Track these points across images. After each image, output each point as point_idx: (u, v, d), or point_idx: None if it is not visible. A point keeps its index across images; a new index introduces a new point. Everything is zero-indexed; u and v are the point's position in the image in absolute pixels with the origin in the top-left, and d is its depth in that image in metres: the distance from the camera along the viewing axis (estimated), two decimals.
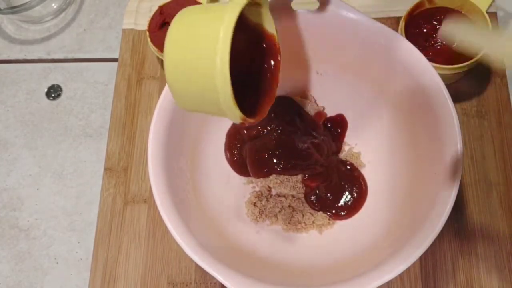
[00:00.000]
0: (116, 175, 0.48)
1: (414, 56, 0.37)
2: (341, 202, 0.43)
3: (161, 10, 0.49)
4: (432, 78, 0.36)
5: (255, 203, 0.43)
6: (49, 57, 0.56)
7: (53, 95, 0.54)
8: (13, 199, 0.50)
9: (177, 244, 0.33)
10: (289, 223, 0.43)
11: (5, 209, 0.50)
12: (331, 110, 0.47)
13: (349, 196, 0.43)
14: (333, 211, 0.43)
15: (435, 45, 0.45)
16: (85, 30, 0.57)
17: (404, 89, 0.39)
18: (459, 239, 0.43)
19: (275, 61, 0.32)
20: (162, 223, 0.42)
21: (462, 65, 0.43)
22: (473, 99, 0.48)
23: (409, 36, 0.45)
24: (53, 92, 0.54)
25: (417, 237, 0.32)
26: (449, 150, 0.34)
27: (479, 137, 0.46)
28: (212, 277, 0.32)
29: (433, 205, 0.34)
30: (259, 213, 0.43)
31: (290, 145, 0.41)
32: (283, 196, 0.44)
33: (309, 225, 0.43)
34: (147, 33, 0.48)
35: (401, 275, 0.36)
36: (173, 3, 0.50)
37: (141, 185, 0.48)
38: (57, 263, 0.47)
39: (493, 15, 0.50)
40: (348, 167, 0.45)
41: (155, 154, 0.36)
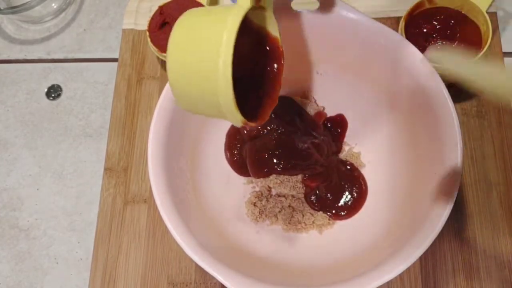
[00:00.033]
0: (116, 175, 0.48)
1: (414, 56, 0.37)
2: (341, 202, 0.43)
3: (161, 10, 0.49)
4: (432, 78, 0.36)
5: (255, 203, 0.43)
6: (49, 57, 0.56)
7: (53, 95, 0.54)
8: (13, 199, 0.50)
9: (177, 244, 0.33)
10: (289, 223, 0.43)
11: (5, 209, 0.50)
12: (331, 110, 0.47)
13: (349, 196, 0.43)
14: (333, 211, 0.43)
15: (435, 45, 0.45)
16: (85, 30, 0.57)
17: (404, 89, 0.39)
18: (459, 239, 0.43)
19: (278, 64, 0.32)
20: (162, 223, 0.42)
21: None
22: (473, 99, 0.48)
23: (409, 36, 0.45)
24: (53, 92, 0.54)
25: (417, 237, 0.32)
26: (449, 150, 0.34)
27: (479, 137, 0.46)
28: (212, 277, 0.32)
29: (433, 205, 0.34)
30: (259, 213, 0.43)
31: (290, 145, 0.41)
32: (283, 196, 0.44)
33: (309, 225, 0.43)
34: (147, 33, 0.49)
35: (401, 275, 0.36)
36: (173, 3, 0.50)
37: (141, 185, 0.48)
38: (57, 263, 0.47)
39: (493, 15, 0.50)
40: (348, 167, 0.45)
41: (155, 154, 0.36)
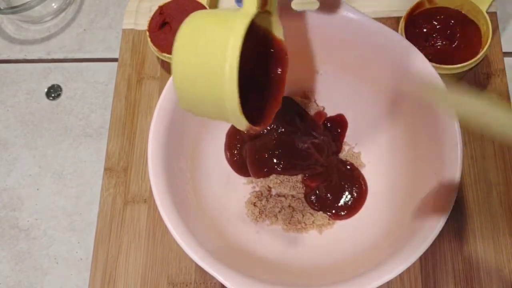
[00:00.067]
0: (116, 175, 0.48)
1: (414, 56, 0.37)
2: (341, 202, 0.43)
3: (161, 10, 0.49)
4: (432, 78, 0.36)
5: (255, 203, 0.43)
6: (49, 57, 0.56)
7: (53, 95, 0.54)
8: (13, 199, 0.50)
9: (177, 244, 0.33)
10: (289, 223, 0.43)
11: (5, 209, 0.50)
12: (331, 110, 0.47)
13: (349, 196, 0.43)
14: (333, 211, 0.43)
15: (435, 45, 0.45)
16: (85, 30, 0.57)
17: (404, 89, 0.39)
18: (459, 239, 0.43)
19: (282, 68, 0.31)
20: (162, 223, 0.42)
21: (462, 65, 0.43)
22: None
23: (409, 36, 0.45)
24: (53, 92, 0.54)
25: (417, 237, 0.32)
26: (449, 150, 0.34)
27: (479, 137, 0.46)
28: (212, 277, 0.32)
29: (433, 205, 0.34)
30: (259, 213, 0.43)
31: (290, 145, 0.41)
32: (283, 196, 0.44)
33: (309, 225, 0.43)
34: (147, 33, 0.49)
35: (401, 275, 0.36)
36: (173, 3, 0.50)
37: (141, 185, 0.48)
38: (57, 263, 0.47)
39: (493, 15, 0.50)
40: (348, 167, 0.45)
41: (155, 154, 0.36)
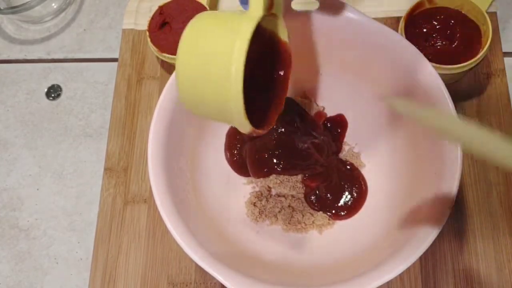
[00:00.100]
0: (116, 175, 0.48)
1: (414, 56, 0.37)
2: (341, 202, 0.43)
3: (161, 10, 0.49)
4: (432, 78, 0.36)
5: (255, 203, 0.43)
6: (49, 57, 0.56)
7: (53, 95, 0.54)
8: (13, 199, 0.50)
9: (177, 244, 0.33)
10: (289, 223, 0.43)
11: (5, 209, 0.50)
12: (331, 110, 0.47)
13: (349, 196, 0.43)
14: (333, 211, 0.43)
15: (435, 45, 0.45)
16: (85, 30, 0.57)
17: (404, 89, 0.39)
18: (459, 239, 0.43)
19: (286, 70, 0.31)
20: (162, 223, 0.42)
21: (462, 65, 0.43)
22: (473, 99, 0.48)
23: (409, 36, 0.45)
24: (53, 92, 0.54)
25: (417, 237, 0.32)
26: (449, 150, 0.34)
27: None
28: (212, 277, 0.32)
29: (433, 205, 0.34)
30: (259, 213, 0.43)
31: (290, 145, 0.41)
32: (283, 196, 0.44)
33: (309, 225, 0.43)
34: (147, 33, 0.49)
35: (401, 275, 0.36)
36: (173, 3, 0.50)
37: (141, 185, 0.48)
38: (57, 263, 0.47)
39: (493, 15, 0.50)
40: (348, 167, 0.45)
41: (155, 154, 0.36)
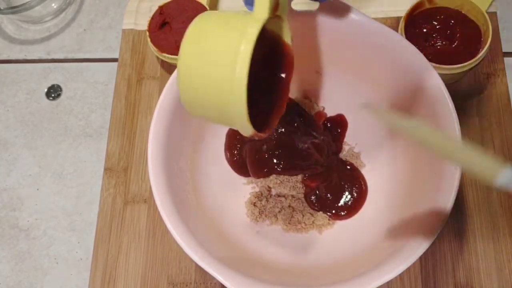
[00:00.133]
0: (116, 175, 0.48)
1: (414, 56, 0.37)
2: (341, 202, 0.43)
3: (161, 10, 0.49)
4: (432, 78, 0.36)
5: (255, 203, 0.43)
6: (49, 57, 0.56)
7: (53, 95, 0.54)
8: (13, 199, 0.50)
9: (177, 244, 0.33)
10: (289, 223, 0.43)
11: (5, 209, 0.50)
12: (331, 110, 0.47)
13: (349, 196, 0.43)
14: (333, 211, 0.43)
15: (435, 45, 0.45)
16: (85, 30, 0.57)
17: (404, 89, 0.39)
18: (459, 239, 0.43)
19: (288, 72, 0.31)
20: (162, 223, 0.42)
21: (462, 65, 0.43)
22: (473, 99, 0.48)
23: (409, 36, 0.45)
24: (53, 92, 0.54)
25: (417, 237, 0.32)
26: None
27: (479, 137, 0.46)
28: (212, 277, 0.32)
29: (433, 205, 0.34)
30: (259, 213, 0.43)
31: (290, 145, 0.41)
32: (283, 196, 0.44)
33: (309, 225, 0.43)
34: (147, 33, 0.49)
35: (401, 275, 0.36)
36: (173, 3, 0.50)
37: (141, 185, 0.48)
38: (57, 263, 0.47)
39: (493, 15, 0.50)
40: (348, 167, 0.45)
41: (155, 154, 0.36)
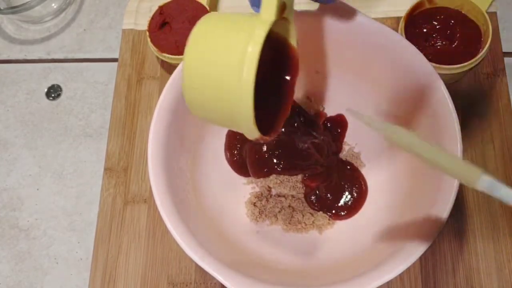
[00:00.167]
0: (116, 175, 0.48)
1: (414, 56, 0.37)
2: (341, 202, 0.43)
3: (161, 10, 0.49)
4: (432, 78, 0.36)
5: (255, 203, 0.43)
6: (49, 57, 0.56)
7: (53, 95, 0.54)
8: (13, 199, 0.50)
9: (177, 244, 0.33)
10: (289, 223, 0.43)
11: (5, 209, 0.50)
12: (331, 110, 0.47)
13: (349, 196, 0.43)
14: (333, 211, 0.43)
15: (435, 45, 0.45)
16: (85, 30, 0.57)
17: (404, 89, 0.39)
18: (459, 239, 0.43)
19: (292, 75, 0.31)
20: (162, 223, 0.42)
21: (462, 65, 0.43)
22: (473, 99, 0.48)
23: (409, 36, 0.45)
24: (53, 92, 0.54)
25: (417, 237, 0.32)
26: (449, 150, 0.34)
27: (479, 137, 0.46)
28: (212, 277, 0.32)
29: (434, 203, 0.34)
30: (259, 213, 0.43)
31: (290, 145, 0.41)
32: (283, 196, 0.44)
33: (309, 225, 0.43)
34: (147, 33, 0.49)
35: (401, 275, 0.36)
36: (173, 3, 0.50)
37: (141, 185, 0.48)
38: (57, 263, 0.47)
39: (493, 15, 0.50)
40: (348, 167, 0.45)
41: (155, 154, 0.36)
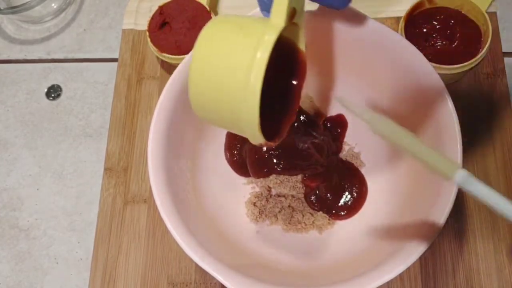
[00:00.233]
0: (116, 175, 0.48)
1: (414, 56, 0.37)
2: (341, 202, 0.43)
3: (161, 10, 0.49)
4: (432, 78, 0.36)
5: (255, 203, 0.43)
6: (49, 57, 0.56)
7: (53, 95, 0.54)
8: (13, 199, 0.50)
9: (177, 244, 0.33)
10: (289, 223, 0.43)
11: (5, 209, 0.50)
12: (331, 110, 0.47)
13: (349, 196, 0.43)
14: (333, 211, 0.43)
15: (435, 45, 0.45)
16: (85, 30, 0.57)
17: (404, 89, 0.39)
18: (459, 239, 0.43)
19: (300, 79, 0.30)
20: (162, 223, 0.42)
21: (462, 65, 0.43)
22: (473, 99, 0.48)
23: (409, 36, 0.45)
24: (53, 92, 0.54)
25: (417, 237, 0.32)
26: (449, 150, 0.34)
27: (479, 137, 0.46)
28: (212, 277, 0.32)
29: (433, 205, 0.34)
30: (259, 213, 0.43)
31: (290, 145, 0.41)
32: (283, 196, 0.44)
33: (309, 225, 0.43)
34: (147, 33, 0.49)
35: (401, 275, 0.36)
36: (173, 3, 0.50)
37: (141, 185, 0.48)
38: (57, 263, 0.47)
39: (493, 15, 0.50)
40: (348, 167, 0.45)
41: (155, 154, 0.36)
